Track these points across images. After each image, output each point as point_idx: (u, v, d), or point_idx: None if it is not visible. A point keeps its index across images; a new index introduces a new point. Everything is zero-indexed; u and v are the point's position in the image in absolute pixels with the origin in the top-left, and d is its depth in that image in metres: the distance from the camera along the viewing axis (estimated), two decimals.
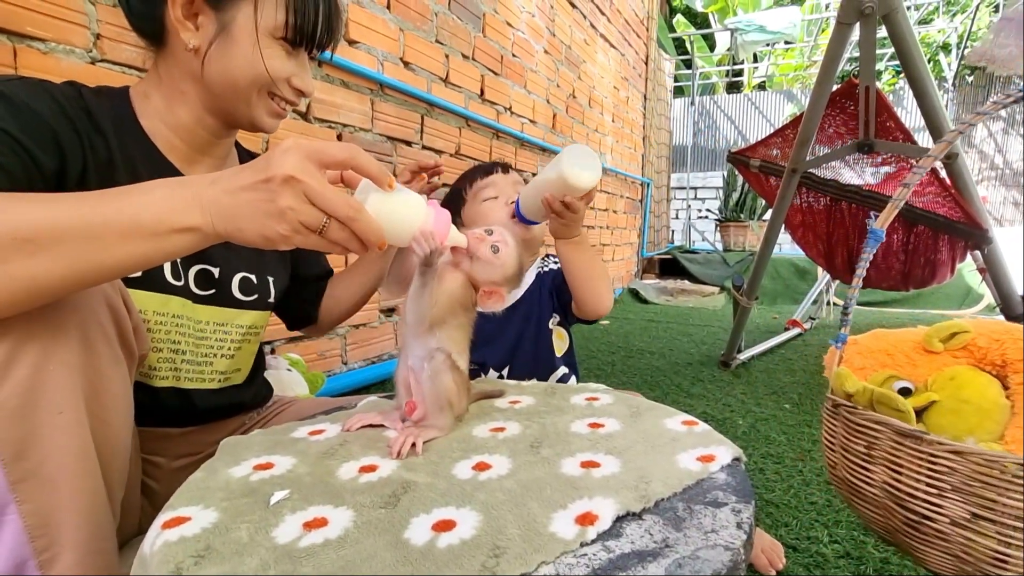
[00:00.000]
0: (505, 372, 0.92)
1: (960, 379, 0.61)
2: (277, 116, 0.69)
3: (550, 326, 0.94)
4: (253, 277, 0.75)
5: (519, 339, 0.93)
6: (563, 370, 0.96)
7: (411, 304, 0.57)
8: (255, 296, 0.75)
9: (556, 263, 0.96)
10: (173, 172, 0.67)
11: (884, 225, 0.56)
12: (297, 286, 0.85)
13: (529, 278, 0.96)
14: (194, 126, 0.67)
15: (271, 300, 0.78)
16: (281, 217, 0.42)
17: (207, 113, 0.67)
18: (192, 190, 0.43)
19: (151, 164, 0.65)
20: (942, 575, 0.52)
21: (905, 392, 0.62)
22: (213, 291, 0.71)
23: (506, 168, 0.98)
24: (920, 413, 0.62)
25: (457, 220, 0.93)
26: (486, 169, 0.96)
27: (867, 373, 0.67)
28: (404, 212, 0.51)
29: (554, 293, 0.94)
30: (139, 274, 0.63)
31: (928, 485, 0.50)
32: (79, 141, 0.58)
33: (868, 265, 0.59)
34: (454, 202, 0.95)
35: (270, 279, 0.78)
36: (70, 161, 0.57)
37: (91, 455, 0.47)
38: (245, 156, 0.80)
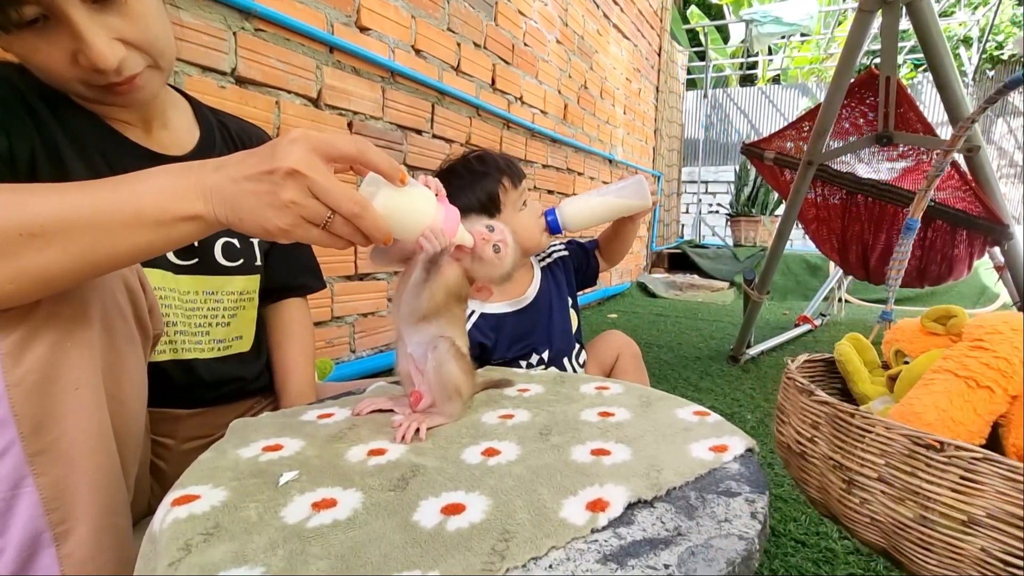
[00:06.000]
0: (545, 354, 1.02)
1: (931, 356, 0.62)
2: (116, 93, 0.58)
3: (570, 310, 1.08)
4: (236, 241, 0.74)
5: (553, 324, 1.03)
6: (577, 346, 1.08)
7: (408, 296, 0.56)
8: (240, 261, 0.74)
9: (562, 250, 1.12)
10: (122, 139, 0.64)
11: (918, 214, 0.56)
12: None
13: (537, 274, 1.06)
14: (91, 103, 0.62)
15: (258, 263, 0.77)
16: (284, 210, 0.42)
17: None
18: (195, 177, 0.43)
19: (99, 135, 0.62)
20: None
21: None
22: (196, 260, 0.70)
23: (522, 170, 1.02)
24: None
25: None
26: (519, 174, 0.99)
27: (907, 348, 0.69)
28: (414, 209, 0.50)
29: (578, 270, 1.12)
30: None
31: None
32: (23, 122, 0.56)
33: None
34: (488, 207, 0.95)
35: (254, 242, 0.76)
36: (16, 144, 0.55)
37: (107, 432, 0.47)
38: (201, 110, 0.75)
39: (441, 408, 0.56)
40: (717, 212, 6.61)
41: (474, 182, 0.95)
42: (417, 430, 0.53)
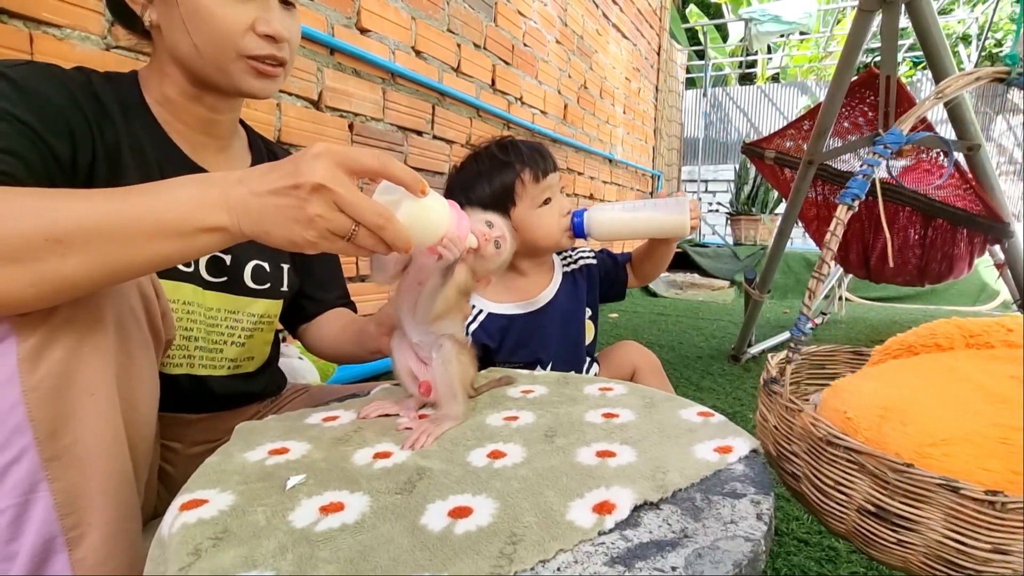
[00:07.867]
0: (550, 366, 0.97)
1: None
2: (263, 76, 0.64)
3: (586, 320, 1.03)
4: (266, 265, 0.75)
5: (564, 334, 0.99)
6: (588, 359, 1.03)
7: (424, 300, 0.58)
8: (267, 285, 0.75)
9: (590, 258, 1.06)
10: (180, 155, 0.66)
11: None
12: (298, 296, 0.82)
13: (557, 278, 1.01)
14: (186, 104, 0.66)
15: (284, 289, 0.78)
16: (309, 224, 0.42)
17: (192, 88, 0.65)
18: (218, 189, 0.43)
19: (158, 148, 0.64)
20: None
21: None
22: (225, 278, 0.70)
23: (555, 163, 0.95)
24: None
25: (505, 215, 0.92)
26: (544, 168, 0.92)
27: None
28: (433, 218, 0.51)
29: (604, 281, 1.07)
30: None
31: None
32: (88, 127, 0.58)
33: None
34: (502, 200, 0.90)
35: (284, 267, 0.77)
36: (80, 148, 0.57)
37: (121, 436, 0.47)
38: (255, 139, 0.79)
39: (448, 408, 0.57)
40: (717, 211, 6.60)
41: (493, 171, 0.91)
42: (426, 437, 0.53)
